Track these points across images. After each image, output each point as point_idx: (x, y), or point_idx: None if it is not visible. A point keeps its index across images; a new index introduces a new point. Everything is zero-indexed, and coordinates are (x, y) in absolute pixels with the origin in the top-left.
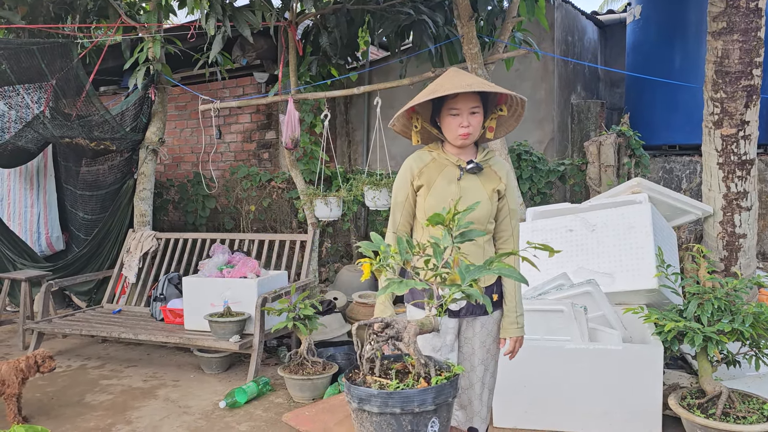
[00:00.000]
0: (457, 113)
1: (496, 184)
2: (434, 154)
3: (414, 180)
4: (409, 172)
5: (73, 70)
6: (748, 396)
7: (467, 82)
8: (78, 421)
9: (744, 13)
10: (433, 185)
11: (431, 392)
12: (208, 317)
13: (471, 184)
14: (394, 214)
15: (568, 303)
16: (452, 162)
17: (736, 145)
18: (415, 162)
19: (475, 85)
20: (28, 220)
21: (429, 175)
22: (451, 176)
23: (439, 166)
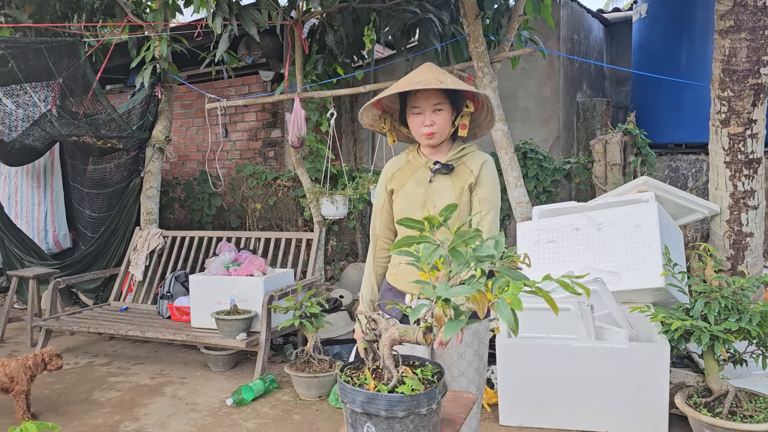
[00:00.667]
0: (419, 111)
1: (467, 180)
2: (410, 157)
3: (387, 184)
4: (384, 176)
5: (80, 68)
6: (755, 395)
7: (421, 78)
8: (86, 418)
9: (752, 12)
10: (402, 189)
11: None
12: (215, 315)
13: (441, 185)
14: (374, 221)
15: (575, 301)
16: (423, 164)
17: (743, 144)
18: (391, 166)
19: (425, 82)
20: (35, 218)
21: (401, 178)
22: (422, 179)
23: (413, 168)
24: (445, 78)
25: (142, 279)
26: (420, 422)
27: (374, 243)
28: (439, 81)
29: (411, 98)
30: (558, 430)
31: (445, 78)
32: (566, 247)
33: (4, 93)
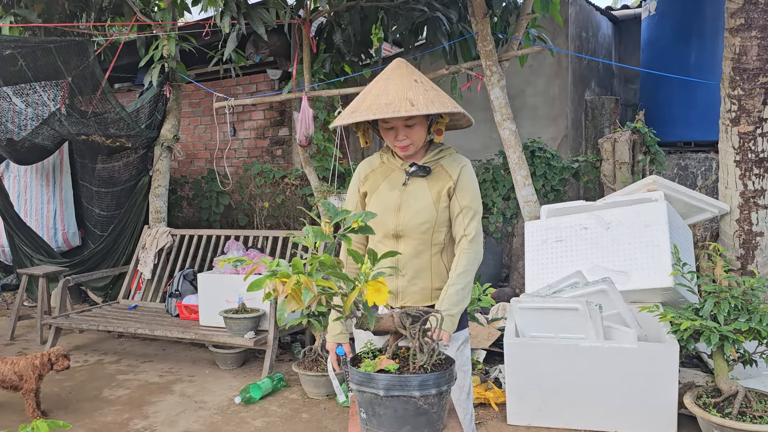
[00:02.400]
0: (392, 127)
1: (445, 184)
2: (384, 158)
3: (360, 186)
4: (356, 178)
5: (89, 67)
6: (764, 395)
7: (390, 97)
8: (96, 416)
9: (763, 10)
10: (375, 192)
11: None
12: (223, 313)
13: (416, 188)
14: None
15: (583, 301)
16: (398, 166)
17: (753, 143)
18: (363, 167)
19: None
20: (44, 217)
21: (374, 180)
22: (397, 181)
23: (387, 170)
24: (416, 95)
25: (151, 277)
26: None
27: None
28: (409, 102)
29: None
30: (566, 429)
31: (416, 95)
32: (575, 246)
33: (14, 92)
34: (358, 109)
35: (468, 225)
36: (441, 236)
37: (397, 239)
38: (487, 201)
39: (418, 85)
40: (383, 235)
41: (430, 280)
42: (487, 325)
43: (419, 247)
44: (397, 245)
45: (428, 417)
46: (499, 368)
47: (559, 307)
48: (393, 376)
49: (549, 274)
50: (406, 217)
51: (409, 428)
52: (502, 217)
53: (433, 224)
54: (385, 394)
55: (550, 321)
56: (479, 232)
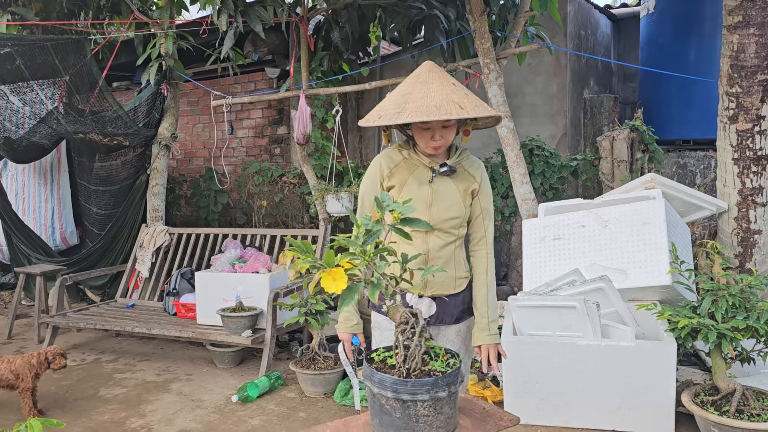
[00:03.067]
0: (428, 128)
1: (470, 184)
2: (405, 154)
3: (384, 180)
4: (378, 172)
5: (86, 66)
6: (762, 393)
7: (437, 101)
8: (93, 414)
9: (761, 7)
10: (404, 186)
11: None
12: (221, 312)
13: (443, 186)
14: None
15: (581, 299)
16: (424, 163)
17: (751, 141)
18: (385, 161)
19: (444, 108)
20: (42, 215)
21: (401, 175)
22: (423, 178)
23: (411, 166)
24: (461, 99)
25: (149, 276)
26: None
27: None
28: (458, 106)
29: None
30: (563, 428)
31: (461, 99)
32: (572, 244)
33: (12, 90)
34: (404, 110)
35: (488, 227)
36: (464, 231)
37: (426, 233)
38: None
39: (458, 88)
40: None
41: (454, 270)
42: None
43: (447, 239)
44: (426, 238)
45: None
46: None
47: (557, 305)
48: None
49: (547, 272)
50: (438, 212)
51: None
52: (501, 215)
53: (461, 220)
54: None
55: (548, 319)
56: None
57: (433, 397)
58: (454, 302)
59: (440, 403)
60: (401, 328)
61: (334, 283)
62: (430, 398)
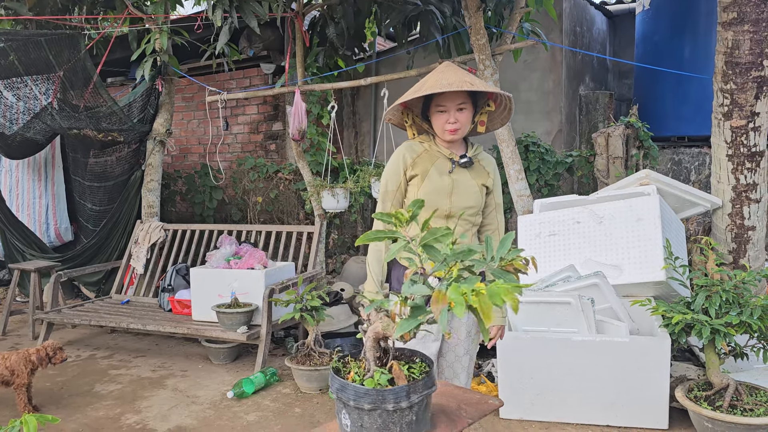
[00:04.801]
0: (444, 110)
1: (485, 179)
2: (425, 146)
3: (407, 170)
4: (402, 161)
5: (80, 61)
6: (755, 388)
7: (450, 80)
8: (88, 411)
9: (755, 3)
10: (427, 176)
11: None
12: (216, 308)
13: (462, 177)
14: (384, 203)
15: (576, 295)
16: (444, 155)
17: (745, 137)
18: (408, 152)
19: (456, 84)
20: (36, 211)
21: (423, 165)
22: (443, 168)
23: (432, 157)
24: (473, 80)
25: (144, 272)
26: (388, 418)
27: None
28: (468, 83)
29: (436, 98)
30: (558, 423)
31: (473, 80)
32: (567, 240)
33: (5, 86)
34: (420, 90)
35: (500, 221)
36: (479, 219)
37: (447, 219)
38: None
39: (472, 75)
40: (436, 216)
41: None
42: None
43: (465, 227)
44: (448, 224)
45: None
46: (491, 362)
47: (552, 301)
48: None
49: (542, 268)
50: (458, 200)
51: None
52: None
53: (479, 209)
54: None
55: (543, 315)
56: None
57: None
58: None
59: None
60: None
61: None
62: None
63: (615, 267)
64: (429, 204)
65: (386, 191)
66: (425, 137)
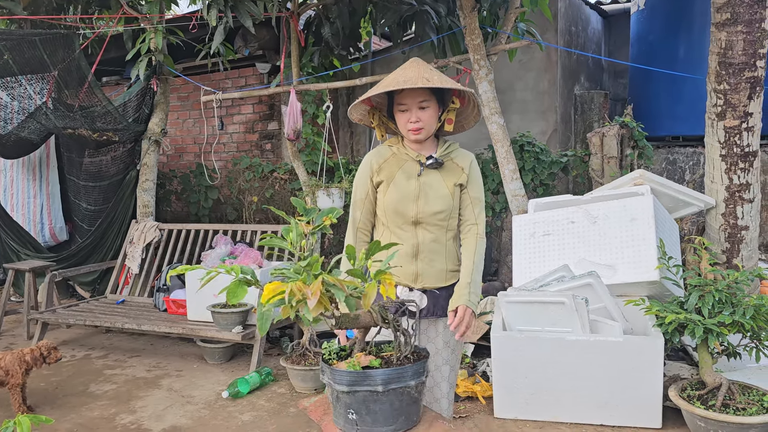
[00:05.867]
0: (405, 108)
1: (458, 177)
2: (394, 149)
3: (373, 176)
4: (368, 168)
5: (75, 60)
6: (748, 387)
7: (408, 76)
8: (83, 411)
9: (748, 4)
10: (393, 181)
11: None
12: (211, 308)
13: (431, 179)
14: (354, 212)
15: (570, 295)
16: (412, 157)
17: (739, 137)
18: (375, 158)
19: (411, 80)
20: (31, 211)
21: (389, 170)
22: (411, 171)
23: (399, 161)
24: (431, 75)
25: (139, 272)
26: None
27: (355, 234)
28: (425, 79)
29: (397, 96)
30: (552, 422)
31: (431, 75)
32: (562, 240)
33: (0, 85)
34: (378, 87)
35: (478, 215)
36: (454, 223)
37: (416, 225)
38: None
39: (433, 71)
40: (403, 222)
41: (446, 263)
42: (476, 318)
43: (437, 233)
44: (416, 231)
45: (418, 405)
46: (486, 362)
47: (546, 301)
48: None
49: (536, 267)
50: (425, 205)
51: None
52: (492, 211)
53: (450, 213)
54: (384, 388)
55: (537, 315)
56: (484, 221)
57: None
58: (445, 295)
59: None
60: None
61: (390, 289)
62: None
63: (609, 267)
64: (396, 210)
65: (354, 200)
66: (395, 140)
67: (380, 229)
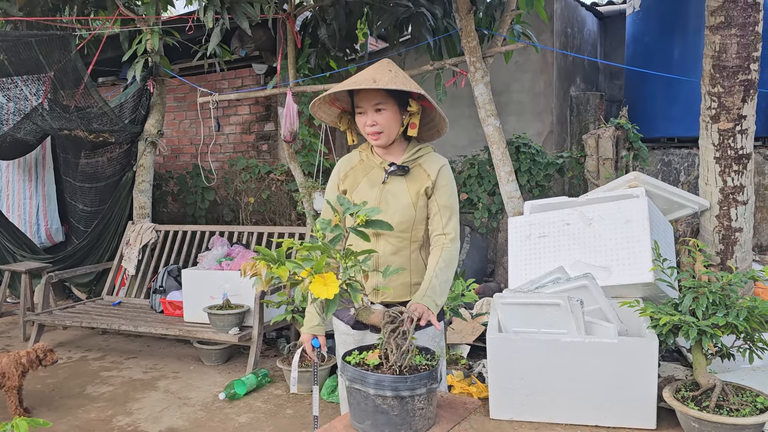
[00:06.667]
0: (362, 111)
1: (423, 183)
2: (363, 155)
3: (339, 183)
4: (336, 175)
5: (71, 61)
6: (741, 388)
7: (357, 78)
8: (79, 413)
9: (742, 8)
10: (355, 189)
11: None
12: (208, 310)
13: (395, 187)
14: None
15: (565, 296)
16: (377, 164)
17: (733, 140)
18: (343, 164)
19: (358, 82)
20: (27, 212)
21: (354, 178)
22: (376, 179)
23: (366, 168)
24: (382, 76)
25: (135, 273)
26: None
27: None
28: (373, 80)
29: (356, 99)
30: (548, 423)
31: (382, 76)
32: (557, 242)
33: None
34: (328, 90)
35: (447, 224)
36: (420, 233)
37: (376, 237)
38: (473, 196)
39: (388, 72)
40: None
41: (410, 276)
42: (472, 320)
43: (399, 244)
44: (376, 242)
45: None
46: (482, 363)
47: (542, 303)
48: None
49: (532, 269)
50: (384, 216)
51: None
52: (488, 212)
53: (412, 223)
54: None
55: (533, 316)
56: (458, 231)
57: (428, 389)
58: None
59: (432, 395)
60: (389, 328)
61: (326, 288)
62: (426, 391)
63: (604, 268)
64: None
65: (325, 207)
66: (366, 146)
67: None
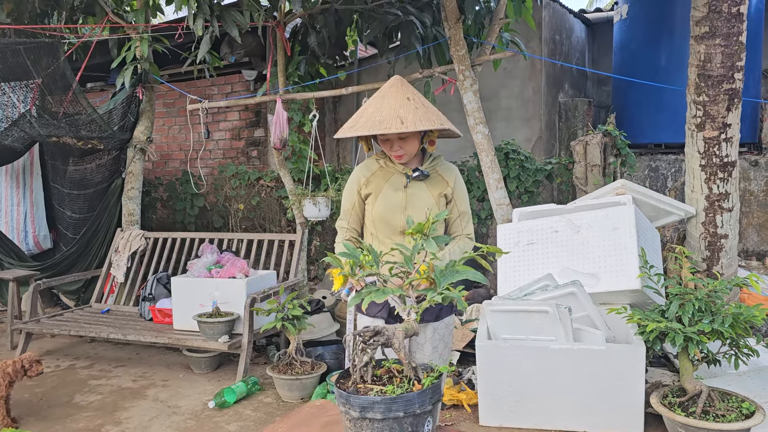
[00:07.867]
0: (386, 139)
1: (443, 189)
2: (381, 163)
3: (361, 189)
4: (356, 182)
5: (59, 68)
6: (727, 394)
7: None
8: (67, 422)
9: (726, 18)
10: (380, 193)
11: (428, 393)
12: (197, 317)
13: (417, 190)
14: (341, 221)
15: (553, 304)
16: (398, 170)
17: (718, 148)
18: (362, 172)
19: (386, 123)
20: (14, 219)
21: (376, 183)
22: (398, 184)
23: (386, 174)
24: (407, 113)
25: (124, 281)
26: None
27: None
28: (400, 121)
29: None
30: (537, 430)
31: (407, 113)
32: (546, 249)
33: None
34: (356, 125)
35: (466, 227)
36: (441, 232)
37: (404, 235)
38: None
39: (409, 103)
40: (391, 232)
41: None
42: (461, 326)
43: None
44: (404, 240)
45: None
46: (472, 369)
47: (530, 310)
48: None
49: (521, 276)
50: (413, 215)
51: None
52: (477, 218)
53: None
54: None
55: (522, 323)
56: (473, 232)
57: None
58: None
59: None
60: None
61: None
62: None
63: (592, 275)
64: (385, 220)
65: (343, 210)
66: (382, 154)
67: (368, 238)
